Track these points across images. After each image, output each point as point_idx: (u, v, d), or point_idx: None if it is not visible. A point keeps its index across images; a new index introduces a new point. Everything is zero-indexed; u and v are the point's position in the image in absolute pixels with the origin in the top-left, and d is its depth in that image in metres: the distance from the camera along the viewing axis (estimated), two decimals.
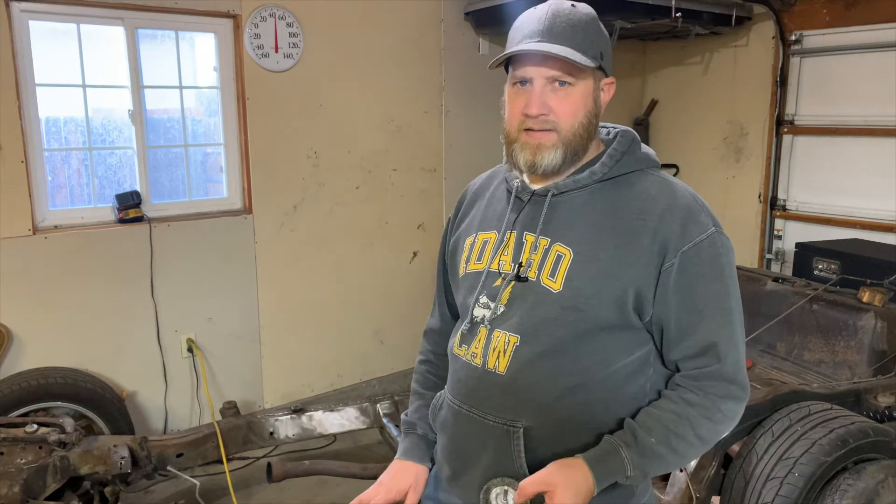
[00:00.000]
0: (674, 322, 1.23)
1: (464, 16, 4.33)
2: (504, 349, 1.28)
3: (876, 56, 4.15)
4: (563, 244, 1.25)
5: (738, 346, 1.26)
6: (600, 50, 1.25)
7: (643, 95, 5.48)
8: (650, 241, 1.21)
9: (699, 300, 1.22)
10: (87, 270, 3.36)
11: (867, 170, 4.25)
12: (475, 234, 1.38)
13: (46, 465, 2.64)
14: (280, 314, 3.98)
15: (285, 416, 3.26)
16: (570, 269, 1.23)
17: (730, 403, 1.26)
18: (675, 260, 1.20)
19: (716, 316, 1.23)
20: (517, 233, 1.31)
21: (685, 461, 1.29)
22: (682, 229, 1.21)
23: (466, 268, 1.38)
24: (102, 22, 3.34)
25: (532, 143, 1.25)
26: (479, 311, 1.32)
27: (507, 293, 1.29)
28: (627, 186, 1.27)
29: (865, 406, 2.65)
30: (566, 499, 1.15)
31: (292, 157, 3.90)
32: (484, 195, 1.44)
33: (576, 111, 1.24)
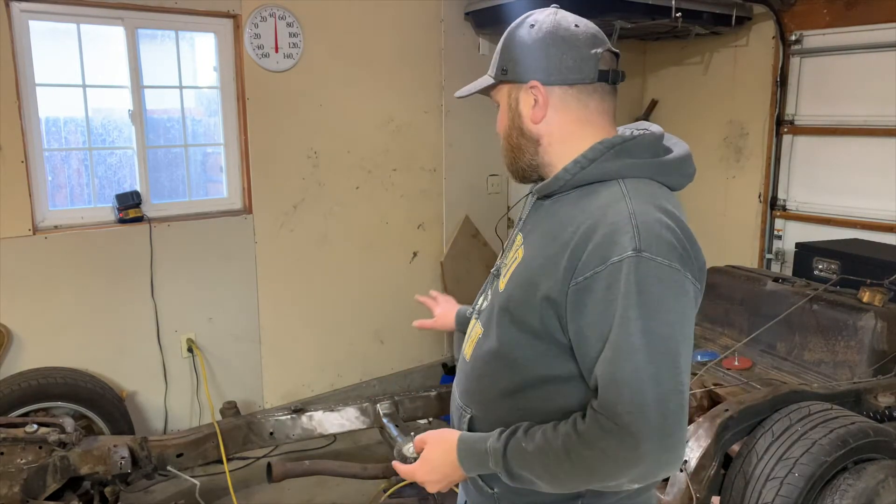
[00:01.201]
0: (578, 347, 1.15)
1: (464, 16, 4.33)
2: (473, 339, 1.36)
3: (876, 56, 4.15)
4: (524, 246, 1.28)
5: (621, 385, 1.06)
6: (502, 65, 1.30)
7: (643, 95, 5.48)
8: (568, 256, 1.13)
9: (599, 328, 1.10)
10: (87, 270, 3.36)
11: (867, 170, 4.25)
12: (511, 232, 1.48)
13: (46, 465, 2.65)
14: (280, 314, 3.98)
15: (285, 416, 3.26)
16: (514, 272, 1.26)
17: (611, 441, 1.07)
18: (582, 279, 1.11)
19: (608, 351, 1.09)
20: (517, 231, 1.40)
21: (571, 485, 1.16)
22: (595, 248, 1.11)
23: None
24: (102, 22, 3.34)
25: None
26: (479, 300, 1.43)
27: (492, 288, 1.37)
28: (587, 197, 1.20)
29: (865, 406, 2.65)
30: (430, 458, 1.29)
31: (292, 157, 3.90)
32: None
33: (502, 129, 1.33)
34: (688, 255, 1.14)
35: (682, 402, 1.09)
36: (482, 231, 4.60)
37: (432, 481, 1.29)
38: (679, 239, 1.14)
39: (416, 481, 1.31)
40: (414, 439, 1.35)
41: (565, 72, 1.25)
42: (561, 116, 1.27)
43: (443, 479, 1.28)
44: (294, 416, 3.27)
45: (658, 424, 1.05)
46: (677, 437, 1.07)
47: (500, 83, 1.32)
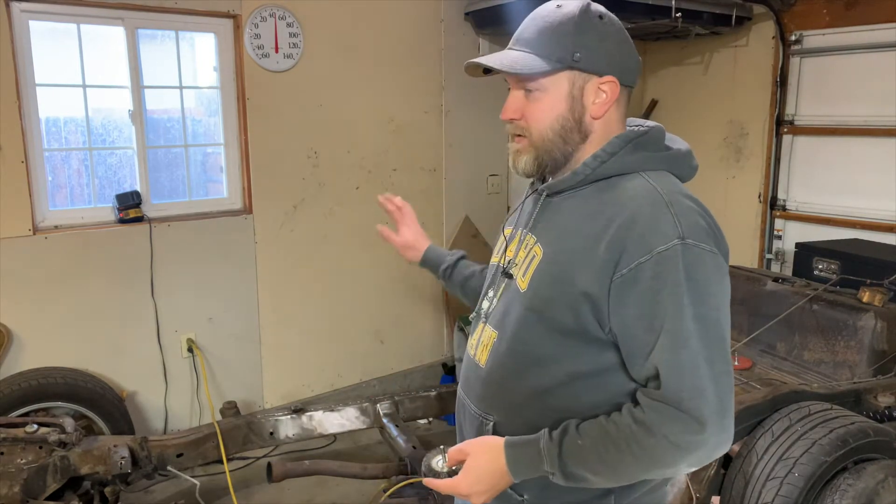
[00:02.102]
0: (629, 339, 1.14)
1: (464, 16, 4.33)
2: (487, 343, 1.31)
3: (876, 56, 4.15)
4: (540, 244, 1.25)
5: (685, 371, 1.09)
6: (574, 50, 1.19)
7: (643, 95, 5.48)
8: (606, 248, 1.13)
9: (653, 318, 1.10)
10: (87, 270, 3.36)
11: (867, 170, 4.25)
12: (503, 229, 1.44)
13: (46, 465, 2.65)
14: (280, 314, 3.98)
15: (285, 416, 3.26)
16: (537, 270, 1.23)
17: (676, 426, 1.09)
18: (627, 272, 1.11)
19: (665, 337, 1.10)
20: (521, 230, 1.34)
21: (627, 476, 1.16)
22: (640, 238, 1.11)
23: (491, 261, 1.46)
24: (102, 22, 3.34)
25: (513, 148, 1.28)
26: (485, 303, 1.38)
27: (501, 289, 1.33)
28: (609, 190, 1.20)
29: (865, 406, 2.65)
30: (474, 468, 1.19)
31: (292, 157, 3.90)
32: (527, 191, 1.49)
33: (543, 117, 1.22)
34: (720, 239, 1.17)
35: (732, 381, 1.13)
36: (482, 231, 4.60)
37: (479, 492, 1.20)
38: (710, 224, 1.17)
39: (459, 495, 1.22)
40: (446, 451, 1.26)
41: (629, 74, 1.26)
42: (615, 116, 1.26)
43: (490, 489, 1.20)
44: (294, 416, 3.27)
45: (717, 407, 1.08)
46: (731, 416, 1.12)
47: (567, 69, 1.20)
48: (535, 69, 1.19)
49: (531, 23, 1.24)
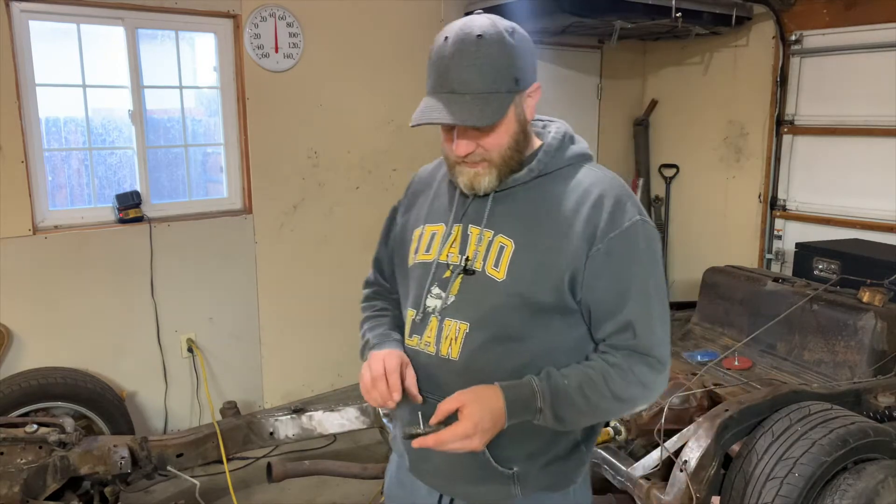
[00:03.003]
0: (600, 303, 1.31)
1: (464, 16, 4.32)
2: (455, 336, 1.34)
3: (876, 56, 4.16)
4: (505, 236, 1.32)
5: (654, 324, 1.32)
6: (514, 75, 1.25)
7: (643, 95, 5.48)
8: (582, 228, 1.29)
9: (622, 283, 1.30)
10: (87, 270, 3.36)
11: (867, 170, 4.25)
12: (423, 226, 1.45)
13: (46, 465, 2.65)
14: (280, 314, 3.98)
15: (285, 416, 3.26)
16: (513, 259, 1.31)
17: (644, 368, 1.31)
18: (602, 245, 1.28)
19: (636, 297, 1.30)
20: (463, 226, 1.37)
21: (599, 414, 1.34)
22: (609, 217, 1.29)
23: (415, 258, 1.44)
24: (102, 22, 3.34)
25: (469, 171, 1.32)
26: (431, 301, 1.38)
27: (456, 284, 1.35)
28: (562, 180, 1.35)
29: (865, 406, 2.65)
30: (475, 412, 1.23)
31: (292, 157, 3.90)
32: (430, 187, 1.51)
33: (502, 141, 1.29)
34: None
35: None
36: None
37: (484, 430, 1.24)
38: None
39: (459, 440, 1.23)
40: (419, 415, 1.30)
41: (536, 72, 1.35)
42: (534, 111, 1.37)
43: (491, 428, 1.25)
44: (294, 416, 3.27)
45: (669, 353, 1.35)
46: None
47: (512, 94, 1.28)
48: (500, 113, 1.25)
49: (462, 63, 1.23)
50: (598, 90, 5.23)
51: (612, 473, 2.52)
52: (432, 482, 1.45)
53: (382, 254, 1.65)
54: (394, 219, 1.60)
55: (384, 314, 1.58)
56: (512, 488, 1.37)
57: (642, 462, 2.43)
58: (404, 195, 1.58)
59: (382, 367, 1.35)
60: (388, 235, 1.62)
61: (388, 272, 1.62)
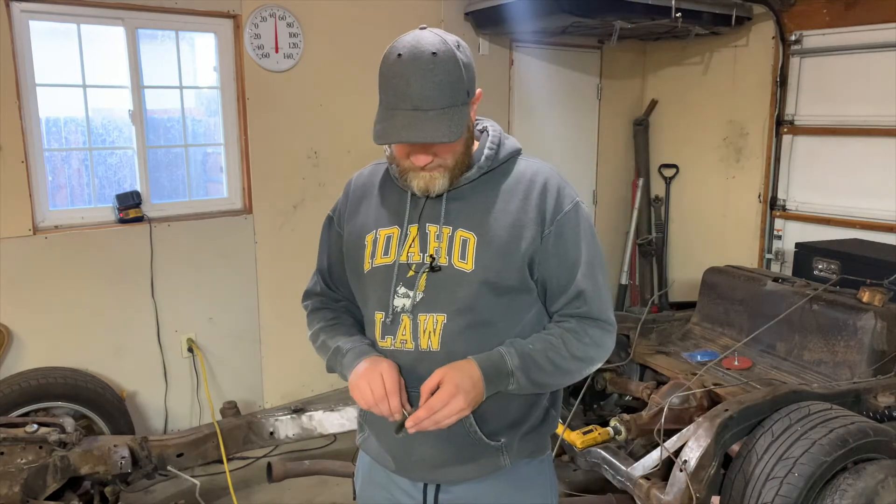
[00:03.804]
0: (554, 278, 1.44)
1: (464, 16, 4.33)
2: (434, 329, 1.41)
3: (876, 56, 4.16)
4: (465, 229, 1.41)
5: (601, 291, 1.47)
6: (466, 88, 1.34)
7: (643, 95, 5.48)
8: (534, 214, 1.42)
9: (570, 258, 1.44)
10: (88, 270, 3.36)
11: (867, 170, 4.25)
12: (375, 231, 1.49)
13: (46, 465, 2.65)
14: (280, 314, 3.98)
15: (285, 416, 3.26)
16: (479, 250, 1.40)
17: (596, 331, 1.45)
18: (553, 228, 1.42)
19: (584, 270, 1.44)
20: (419, 225, 1.44)
21: (563, 375, 1.44)
22: (555, 202, 1.43)
23: (373, 262, 1.48)
24: (102, 22, 3.34)
25: (424, 176, 1.39)
26: (399, 301, 1.44)
27: (423, 281, 1.41)
28: (504, 174, 1.46)
29: (865, 406, 2.65)
30: (454, 376, 1.32)
31: (292, 157, 3.90)
32: (371, 192, 1.56)
33: (457, 147, 1.38)
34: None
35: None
36: None
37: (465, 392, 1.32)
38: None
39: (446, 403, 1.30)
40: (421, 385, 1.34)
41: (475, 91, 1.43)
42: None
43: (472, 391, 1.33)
44: (294, 416, 3.27)
45: (613, 316, 1.50)
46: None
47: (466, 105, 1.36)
48: (462, 126, 1.33)
49: (423, 81, 1.29)
50: (597, 90, 5.23)
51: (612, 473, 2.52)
52: (419, 474, 1.49)
53: (324, 262, 1.68)
54: (331, 227, 1.66)
55: (338, 321, 1.63)
56: (501, 459, 1.46)
57: (642, 462, 2.44)
58: (343, 203, 1.63)
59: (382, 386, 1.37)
60: (328, 244, 1.67)
61: (335, 279, 1.65)
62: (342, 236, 1.60)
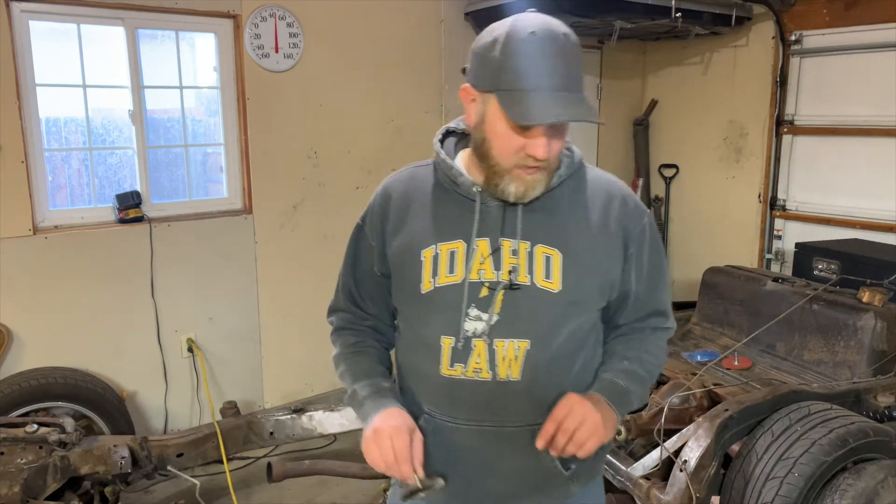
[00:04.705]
0: (634, 295, 1.39)
1: (464, 16, 4.33)
2: (515, 356, 1.27)
3: (876, 56, 4.15)
4: (546, 245, 1.28)
5: (669, 305, 1.47)
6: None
7: (643, 95, 5.48)
8: (616, 229, 1.33)
9: (653, 274, 1.40)
10: (88, 270, 3.36)
11: (867, 170, 4.25)
12: (434, 246, 1.31)
13: (46, 465, 2.65)
14: (280, 314, 3.98)
15: (285, 416, 3.26)
16: (565, 268, 1.27)
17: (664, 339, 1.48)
18: (635, 243, 1.35)
19: (662, 285, 1.43)
20: (490, 240, 1.28)
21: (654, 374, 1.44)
22: (633, 216, 1.36)
23: (435, 282, 1.30)
24: (102, 22, 3.34)
25: (527, 179, 1.24)
26: (470, 324, 1.28)
27: (499, 301, 1.27)
28: (576, 184, 1.35)
29: (865, 406, 2.65)
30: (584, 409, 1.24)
31: (292, 157, 3.90)
32: (420, 201, 1.36)
33: (561, 147, 1.28)
34: None
35: None
36: None
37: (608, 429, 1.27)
38: None
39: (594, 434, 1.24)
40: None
41: None
42: None
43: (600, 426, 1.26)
44: (294, 416, 3.27)
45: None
46: None
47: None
48: (598, 120, 1.28)
49: (566, 61, 1.18)
50: (598, 90, 5.23)
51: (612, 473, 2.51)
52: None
53: (351, 277, 1.50)
54: (361, 238, 1.45)
55: (362, 350, 1.47)
56: (571, 486, 1.39)
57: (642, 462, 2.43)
58: (380, 212, 1.41)
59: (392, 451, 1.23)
60: (358, 256, 1.47)
61: (363, 295, 1.48)
62: (378, 249, 1.40)
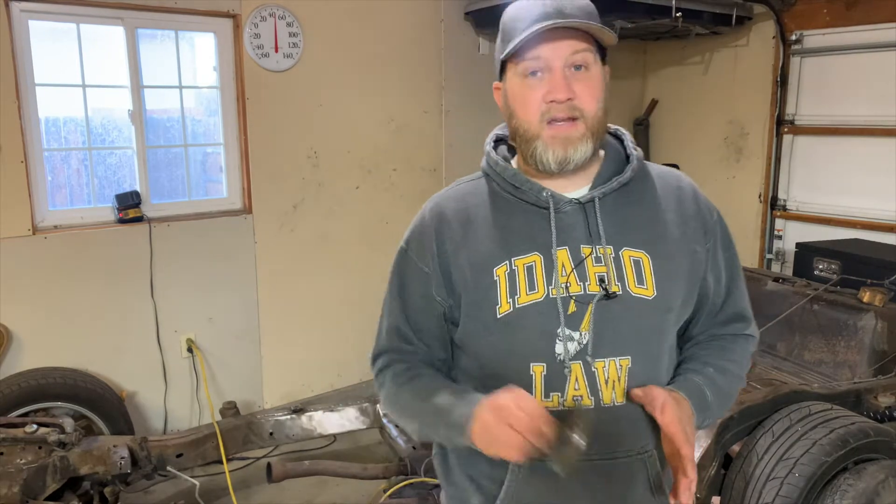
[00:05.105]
0: (713, 297, 1.28)
1: (464, 16, 4.33)
2: (618, 377, 1.15)
3: (876, 56, 4.15)
4: (632, 248, 1.17)
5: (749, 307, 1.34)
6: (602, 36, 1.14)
7: (643, 95, 5.48)
8: (694, 226, 1.23)
9: (729, 271, 1.29)
10: (87, 270, 3.36)
11: (867, 170, 4.25)
12: (507, 262, 1.16)
13: (46, 466, 2.64)
14: (280, 314, 3.98)
15: (285, 416, 3.25)
16: (656, 272, 1.17)
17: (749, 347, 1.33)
18: (712, 240, 1.26)
19: (740, 283, 1.30)
20: (570, 248, 1.16)
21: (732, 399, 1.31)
22: (707, 210, 1.27)
23: (514, 302, 1.15)
24: (102, 22, 3.34)
25: (560, 136, 1.12)
26: (561, 346, 1.14)
27: (587, 317, 1.14)
28: (647, 177, 1.24)
29: (866, 406, 2.64)
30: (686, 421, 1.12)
31: (292, 157, 3.90)
32: (480, 213, 1.22)
33: (598, 95, 1.13)
34: None
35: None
36: None
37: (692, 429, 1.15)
38: None
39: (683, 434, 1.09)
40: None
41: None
42: None
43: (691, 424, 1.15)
44: (294, 416, 3.26)
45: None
46: None
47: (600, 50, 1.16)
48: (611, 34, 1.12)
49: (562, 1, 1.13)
50: None
51: None
52: None
53: (399, 311, 1.30)
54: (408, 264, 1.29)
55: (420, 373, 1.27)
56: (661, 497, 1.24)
57: None
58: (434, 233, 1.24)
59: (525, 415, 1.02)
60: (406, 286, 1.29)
61: (415, 328, 1.29)
62: (438, 274, 1.23)
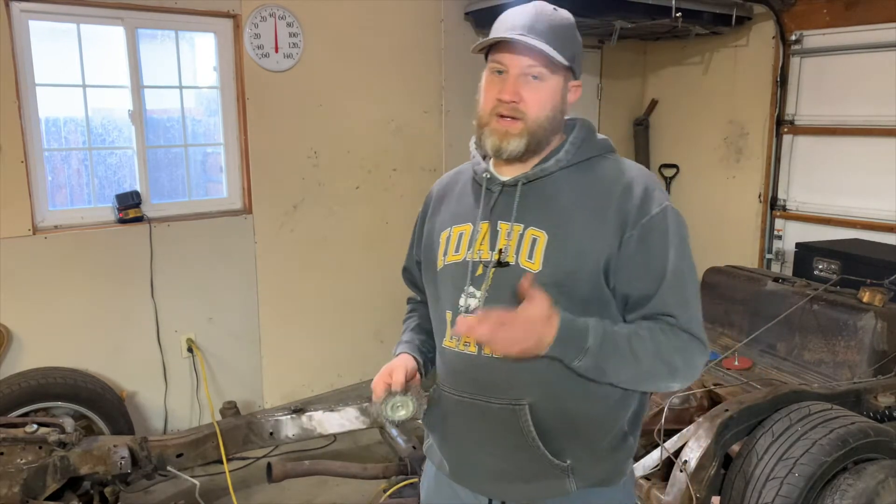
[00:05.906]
0: (636, 288, 1.32)
1: (464, 16, 4.33)
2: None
3: (876, 56, 4.15)
4: (536, 228, 1.33)
5: (690, 305, 1.34)
6: (573, 53, 1.35)
7: (643, 95, 5.48)
8: (614, 215, 1.31)
9: (655, 267, 1.31)
10: (87, 270, 3.36)
11: (867, 170, 4.25)
12: (449, 228, 1.45)
13: (46, 465, 2.64)
14: (280, 314, 3.98)
15: (285, 416, 3.26)
16: (547, 250, 1.31)
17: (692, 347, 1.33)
18: (635, 231, 1.30)
19: (671, 280, 1.31)
20: (491, 222, 1.38)
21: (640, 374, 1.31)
22: (640, 203, 1.32)
23: (445, 260, 1.43)
24: (102, 22, 3.34)
25: (500, 129, 1.33)
26: (464, 300, 1.37)
27: (489, 280, 1.35)
28: (589, 170, 1.38)
29: (866, 406, 2.65)
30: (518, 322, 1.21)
31: (292, 157, 3.90)
32: (453, 191, 1.52)
33: (543, 104, 1.33)
34: None
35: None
36: None
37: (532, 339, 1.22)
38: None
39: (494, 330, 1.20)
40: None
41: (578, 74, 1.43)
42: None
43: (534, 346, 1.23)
44: (294, 416, 3.26)
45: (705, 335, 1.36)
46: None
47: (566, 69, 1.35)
48: (560, 59, 1.31)
49: (539, 18, 1.33)
50: (598, 90, 5.22)
51: None
52: (478, 486, 1.44)
53: (410, 262, 1.68)
54: (415, 228, 1.64)
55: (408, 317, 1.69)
56: (567, 482, 1.36)
57: (642, 462, 2.43)
58: (423, 206, 1.60)
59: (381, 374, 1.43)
60: (411, 246, 1.66)
61: (418, 279, 1.63)
62: (418, 236, 1.60)
